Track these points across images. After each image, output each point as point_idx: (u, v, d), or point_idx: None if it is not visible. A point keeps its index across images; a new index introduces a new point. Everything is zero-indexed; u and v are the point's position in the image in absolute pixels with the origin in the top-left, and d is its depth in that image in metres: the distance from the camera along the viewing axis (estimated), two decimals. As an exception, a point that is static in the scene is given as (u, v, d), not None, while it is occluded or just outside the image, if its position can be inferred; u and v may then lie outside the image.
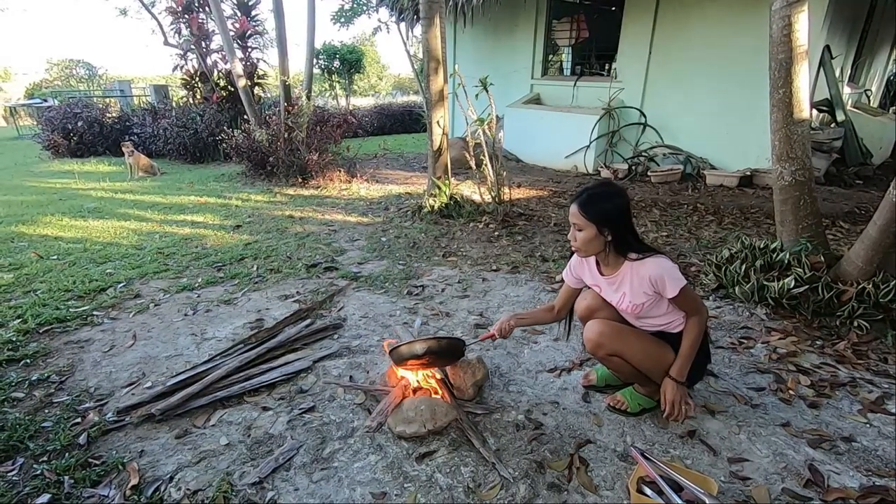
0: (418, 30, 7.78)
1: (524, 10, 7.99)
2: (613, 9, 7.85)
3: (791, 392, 2.08)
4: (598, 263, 1.88)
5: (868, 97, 8.51)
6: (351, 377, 2.25)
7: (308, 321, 2.75)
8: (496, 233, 4.42)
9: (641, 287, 1.74)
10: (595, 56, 8.58)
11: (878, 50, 8.66)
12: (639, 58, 7.00)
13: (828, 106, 6.33)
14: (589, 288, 1.98)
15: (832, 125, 6.38)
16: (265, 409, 2.02)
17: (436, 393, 2.03)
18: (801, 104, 2.81)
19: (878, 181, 6.29)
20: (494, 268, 3.62)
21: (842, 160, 6.32)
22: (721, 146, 6.57)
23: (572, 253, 1.95)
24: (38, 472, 1.68)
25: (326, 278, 3.44)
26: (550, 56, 8.54)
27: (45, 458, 1.75)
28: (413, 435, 1.80)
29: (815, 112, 6.40)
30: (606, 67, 8.31)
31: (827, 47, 5.91)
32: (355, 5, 12.16)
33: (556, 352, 2.45)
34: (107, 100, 12.66)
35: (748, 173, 6.20)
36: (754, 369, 2.27)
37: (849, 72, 7.32)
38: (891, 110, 9.61)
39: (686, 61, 6.61)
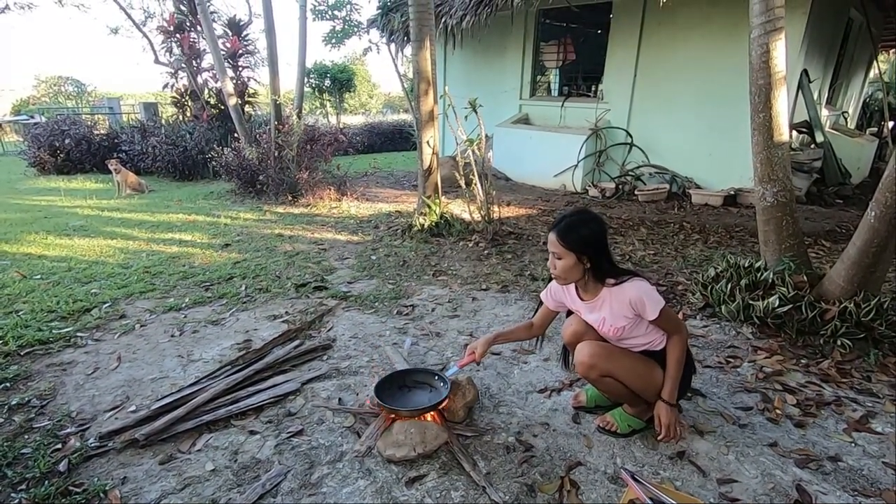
0: (408, 50, 7.89)
1: (513, 33, 8.17)
2: (599, 32, 8.06)
3: (778, 411, 2.10)
4: (577, 289, 1.90)
5: (845, 119, 8.78)
6: (340, 399, 2.23)
7: (297, 342, 2.72)
8: (486, 251, 4.44)
9: (622, 311, 1.76)
10: (582, 77, 8.76)
11: (853, 74, 8.97)
12: (624, 80, 7.17)
13: (807, 127, 6.52)
14: (573, 313, 2.00)
15: (812, 146, 6.56)
16: (252, 432, 1.99)
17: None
18: (780, 128, 2.90)
19: (856, 200, 6.45)
20: (484, 287, 3.63)
21: (822, 180, 6.48)
22: (706, 165, 6.71)
23: None
24: (16, 500, 1.63)
25: (316, 298, 3.42)
26: (538, 77, 8.70)
27: (23, 487, 1.70)
28: (403, 459, 1.79)
29: (795, 133, 6.59)
30: (593, 89, 8.48)
31: (805, 71, 6.11)
32: (346, 27, 12.32)
33: (547, 372, 2.45)
34: (95, 117, 12.61)
35: (732, 192, 6.33)
36: (741, 388, 2.30)
37: (826, 94, 7.56)
38: (867, 132, 9.92)
39: (670, 83, 6.78)
